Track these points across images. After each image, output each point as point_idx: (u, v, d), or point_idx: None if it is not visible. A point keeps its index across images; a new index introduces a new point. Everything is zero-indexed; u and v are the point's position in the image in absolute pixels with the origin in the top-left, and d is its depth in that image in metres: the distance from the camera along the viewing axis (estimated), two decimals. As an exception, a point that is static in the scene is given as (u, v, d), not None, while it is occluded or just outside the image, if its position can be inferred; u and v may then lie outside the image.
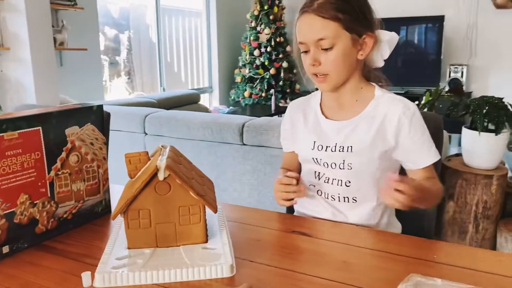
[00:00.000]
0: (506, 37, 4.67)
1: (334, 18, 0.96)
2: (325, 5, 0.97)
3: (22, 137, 0.82)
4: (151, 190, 0.80)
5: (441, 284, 0.68)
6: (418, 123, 1.01)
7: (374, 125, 1.02)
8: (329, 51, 0.98)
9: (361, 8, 1.00)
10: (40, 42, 3.04)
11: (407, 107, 1.01)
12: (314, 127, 1.09)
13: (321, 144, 1.06)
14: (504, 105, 2.03)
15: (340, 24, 0.97)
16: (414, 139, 1.01)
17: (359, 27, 0.99)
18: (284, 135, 1.21)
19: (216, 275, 0.74)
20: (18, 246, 0.84)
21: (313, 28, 0.98)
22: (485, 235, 2.12)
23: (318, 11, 0.97)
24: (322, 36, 0.97)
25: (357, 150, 1.02)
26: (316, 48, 0.99)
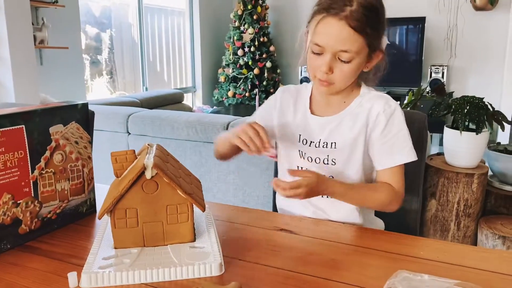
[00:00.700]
0: (485, 39, 4.77)
1: (363, 32, 0.92)
2: (359, 15, 0.90)
3: (5, 136, 0.80)
4: (138, 189, 0.79)
5: (428, 279, 0.69)
6: (396, 121, 1.00)
7: (358, 121, 1.02)
8: (345, 64, 0.95)
9: (384, 23, 0.97)
10: (20, 40, 2.98)
11: (388, 105, 1.01)
12: (301, 121, 1.08)
13: (306, 139, 1.06)
14: (484, 105, 2.07)
15: (365, 39, 0.93)
16: (388, 136, 1.00)
17: (378, 43, 0.97)
18: (264, 114, 1.14)
19: (204, 273, 0.73)
20: (1, 247, 0.82)
21: (339, 38, 0.92)
22: (467, 233, 2.15)
23: (350, 20, 0.90)
24: (347, 49, 0.93)
25: (340, 146, 1.02)
26: (333, 56, 0.94)
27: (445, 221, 2.16)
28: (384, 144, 1.00)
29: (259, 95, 4.98)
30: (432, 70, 4.85)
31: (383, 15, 0.96)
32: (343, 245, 0.86)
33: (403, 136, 1.00)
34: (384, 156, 1.01)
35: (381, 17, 0.95)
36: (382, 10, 0.96)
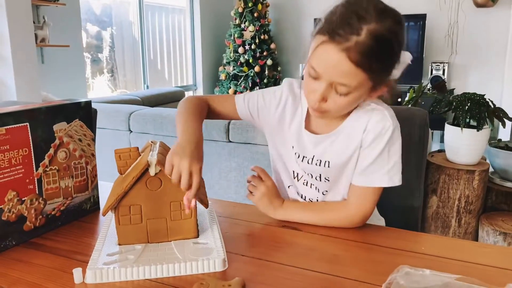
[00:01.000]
0: (486, 36, 4.77)
1: (367, 68, 0.79)
2: (365, 47, 0.77)
3: (10, 133, 0.81)
4: (142, 186, 0.80)
5: (429, 274, 0.69)
6: (384, 140, 0.89)
7: (353, 139, 0.92)
8: (341, 96, 0.84)
9: (397, 55, 0.84)
10: (21, 39, 2.98)
11: (382, 123, 0.89)
12: (295, 134, 0.98)
13: (299, 153, 0.98)
14: (485, 101, 2.07)
15: (368, 75, 0.81)
16: (370, 154, 0.91)
17: (385, 77, 0.85)
18: (261, 104, 1.02)
19: (208, 269, 0.74)
20: (6, 243, 0.83)
21: (337, 70, 0.80)
22: (468, 229, 2.16)
23: (353, 52, 0.77)
24: (345, 83, 0.81)
25: (334, 165, 0.94)
26: (329, 86, 0.83)
27: (446, 218, 2.17)
28: (364, 160, 0.92)
29: (260, 92, 4.98)
30: (433, 67, 4.84)
31: (398, 47, 0.82)
32: (346, 241, 0.87)
33: (387, 158, 0.90)
34: (359, 172, 0.93)
35: (394, 50, 0.82)
36: (397, 42, 0.81)
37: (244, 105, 1.03)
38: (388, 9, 0.82)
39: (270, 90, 1.03)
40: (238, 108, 1.04)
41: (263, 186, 0.97)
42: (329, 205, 0.97)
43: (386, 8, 0.81)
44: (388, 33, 0.79)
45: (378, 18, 0.78)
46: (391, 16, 0.81)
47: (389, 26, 0.79)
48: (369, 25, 0.78)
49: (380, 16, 0.79)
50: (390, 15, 0.80)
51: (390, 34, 0.80)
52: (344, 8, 0.80)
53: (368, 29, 0.77)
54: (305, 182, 1.01)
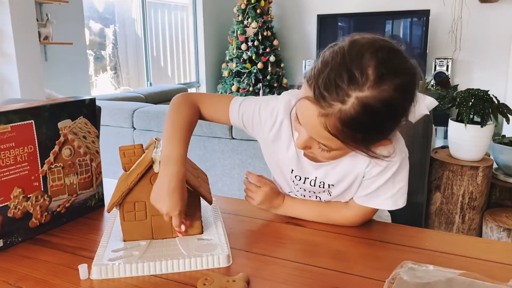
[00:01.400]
0: (490, 31, 4.75)
1: (347, 139, 0.71)
2: (346, 119, 0.68)
3: (15, 131, 0.81)
4: (146, 182, 0.80)
5: (432, 269, 0.69)
6: (389, 174, 0.85)
7: (356, 167, 0.87)
8: (324, 151, 0.78)
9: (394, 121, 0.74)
10: (25, 36, 2.99)
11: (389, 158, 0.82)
12: (294, 158, 0.92)
13: (299, 175, 0.93)
14: (489, 97, 2.07)
15: (349, 145, 0.73)
16: (374, 184, 0.87)
17: (379, 140, 0.76)
18: (256, 121, 0.94)
19: (213, 265, 0.74)
20: (12, 240, 0.84)
21: (315, 131, 0.74)
22: (471, 225, 2.16)
23: (332, 122, 0.69)
24: (324, 143, 0.75)
25: (338, 185, 0.91)
26: (312, 139, 0.77)
27: (450, 214, 2.17)
28: (367, 188, 0.88)
29: (263, 89, 4.98)
30: (436, 63, 4.83)
31: (393, 116, 0.72)
32: (349, 237, 0.87)
33: (392, 185, 0.87)
34: (362, 195, 0.90)
35: (386, 121, 0.71)
36: (393, 113, 0.71)
37: (238, 117, 0.95)
38: (393, 70, 0.68)
39: (268, 107, 0.92)
40: (231, 118, 0.96)
41: (261, 192, 0.94)
42: (330, 206, 0.95)
43: (391, 69, 0.68)
44: (382, 105, 0.67)
45: (375, 84, 0.67)
46: (393, 81, 0.68)
47: (387, 96, 0.67)
48: (359, 92, 0.67)
49: (378, 81, 0.67)
50: (392, 80, 0.67)
51: (385, 105, 0.67)
52: (339, 62, 0.69)
53: (357, 97, 0.67)
54: (306, 195, 0.97)
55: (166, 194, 0.78)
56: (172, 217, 0.80)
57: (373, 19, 5.17)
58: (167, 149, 0.83)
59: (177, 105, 0.93)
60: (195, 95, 0.98)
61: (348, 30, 5.41)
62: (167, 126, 0.88)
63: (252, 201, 0.96)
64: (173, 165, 0.80)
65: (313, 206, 0.96)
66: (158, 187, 0.79)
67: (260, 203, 0.95)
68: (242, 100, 0.96)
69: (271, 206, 0.96)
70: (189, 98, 0.96)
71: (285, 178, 0.97)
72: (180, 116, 0.90)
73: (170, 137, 0.85)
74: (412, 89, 0.72)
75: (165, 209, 0.78)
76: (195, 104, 0.95)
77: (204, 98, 0.98)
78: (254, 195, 0.95)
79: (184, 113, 0.91)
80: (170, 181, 0.78)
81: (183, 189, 0.80)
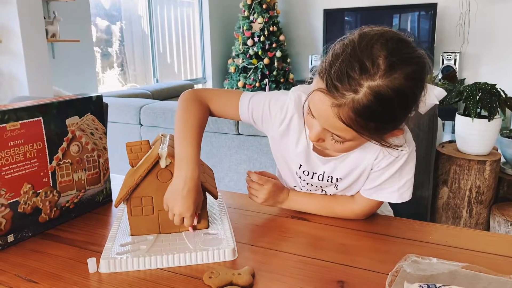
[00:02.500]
0: (498, 24, 4.70)
1: (360, 128, 0.72)
2: (360, 109, 0.69)
3: (24, 128, 0.83)
4: (153, 178, 0.82)
5: (436, 262, 0.70)
6: (397, 166, 0.86)
7: (364, 161, 0.88)
8: (338, 143, 0.79)
9: (405, 110, 0.74)
10: (32, 34, 3.02)
11: (397, 151, 0.84)
12: (303, 153, 0.92)
13: (308, 170, 0.94)
14: (496, 91, 2.05)
15: (363, 134, 0.74)
16: (381, 177, 0.88)
17: (390, 130, 0.76)
18: (266, 117, 0.94)
19: (218, 258, 0.76)
20: (23, 234, 0.86)
21: (328, 123, 0.75)
22: (479, 220, 2.15)
23: (345, 112, 0.70)
24: (337, 134, 0.76)
25: (346, 178, 0.92)
26: (325, 130, 0.77)
27: (457, 209, 2.17)
28: (374, 181, 0.90)
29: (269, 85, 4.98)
30: (444, 57, 4.80)
31: (405, 105, 0.73)
32: (353, 230, 0.88)
33: (399, 178, 0.88)
34: (368, 188, 0.91)
35: (398, 109, 0.72)
36: (405, 101, 0.72)
37: (248, 113, 0.95)
38: (403, 59, 0.69)
39: (278, 102, 0.93)
40: (241, 114, 0.97)
41: (264, 190, 0.95)
42: (335, 199, 0.96)
43: (401, 58, 0.69)
44: (393, 93, 0.68)
45: (386, 73, 0.68)
46: (404, 70, 0.69)
47: (398, 84, 0.68)
48: (371, 81, 0.68)
49: (389, 70, 0.68)
50: (402, 68, 0.69)
51: (397, 93, 0.68)
52: (350, 53, 0.70)
53: (369, 87, 0.68)
54: (311, 189, 0.98)
55: (180, 197, 0.80)
56: (184, 218, 0.82)
57: (380, 13, 5.14)
58: (181, 149, 0.84)
59: (186, 103, 0.93)
60: (204, 92, 0.98)
61: (354, 25, 5.38)
62: (179, 125, 0.88)
63: (256, 199, 0.97)
64: (188, 166, 0.82)
65: (319, 199, 0.96)
66: (173, 189, 0.81)
67: (264, 200, 0.96)
68: (252, 96, 0.96)
69: (276, 202, 0.97)
70: (198, 95, 0.96)
71: (292, 173, 0.98)
72: (190, 115, 0.90)
73: (183, 137, 0.86)
74: (422, 78, 0.73)
75: (178, 210, 0.81)
76: (204, 101, 0.96)
77: (212, 94, 0.98)
78: (257, 193, 0.96)
79: (194, 111, 0.92)
80: (185, 184, 0.80)
81: (197, 191, 0.82)
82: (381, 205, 0.94)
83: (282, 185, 0.99)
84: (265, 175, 0.98)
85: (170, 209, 0.82)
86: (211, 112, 0.97)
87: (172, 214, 0.82)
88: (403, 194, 0.89)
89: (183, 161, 0.82)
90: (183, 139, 0.85)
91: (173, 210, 0.81)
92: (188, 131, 0.87)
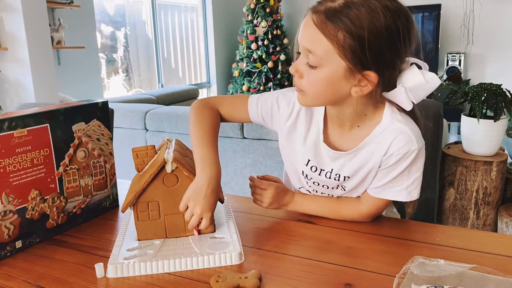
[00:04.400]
0: (503, 24, 4.68)
1: (331, 37, 0.75)
2: (331, 15, 0.74)
3: (31, 134, 0.84)
4: (159, 183, 0.82)
5: (443, 264, 0.70)
6: (408, 161, 0.85)
7: (373, 158, 0.87)
8: (312, 70, 0.80)
9: (376, 36, 0.74)
10: (38, 42, 3.05)
11: (408, 147, 0.84)
12: (312, 147, 0.93)
13: (316, 166, 0.93)
14: (502, 91, 2.04)
15: (336, 47, 0.75)
16: (392, 172, 0.87)
17: (363, 61, 0.76)
18: (275, 110, 0.96)
19: (225, 262, 0.76)
20: (31, 240, 0.86)
21: (305, 34, 0.80)
22: (486, 221, 2.14)
23: (318, 19, 0.76)
24: (310, 48, 0.78)
25: (353, 177, 0.91)
26: (304, 57, 0.81)
27: (464, 210, 2.15)
28: (382, 179, 0.89)
29: (274, 88, 4.98)
30: (449, 58, 4.78)
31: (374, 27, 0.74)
32: (360, 233, 0.88)
33: (407, 176, 0.87)
34: (376, 186, 0.90)
35: (367, 27, 0.74)
36: (374, 20, 0.74)
37: (257, 111, 0.98)
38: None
39: (285, 97, 0.96)
40: (250, 114, 0.99)
41: (267, 194, 0.95)
42: (341, 201, 0.96)
43: None
44: (366, 10, 0.73)
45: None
46: (384, 1, 0.75)
47: (373, 6, 0.74)
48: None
49: None
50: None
51: (370, 11, 0.73)
52: None
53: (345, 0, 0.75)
54: (318, 189, 0.98)
55: (203, 196, 0.81)
56: (203, 218, 0.82)
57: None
58: (200, 151, 0.86)
59: (198, 111, 0.97)
60: (213, 99, 1.02)
61: (358, 27, 5.37)
62: (195, 130, 0.92)
63: (261, 203, 0.96)
64: (211, 166, 0.84)
65: (324, 201, 0.96)
66: (196, 188, 0.82)
67: (269, 204, 0.95)
68: (260, 95, 0.99)
69: (281, 205, 0.97)
70: (207, 102, 1.00)
71: (297, 173, 0.98)
72: (205, 120, 0.94)
73: (200, 140, 0.89)
74: (400, 18, 0.76)
75: (199, 209, 0.81)
76: (214, 106, 0.99)
77: (221, 100, 1.02)
78: (261, 198, 0.96)
79: (206, 116, 0.95)
80: (209, 183, 0.82)
81: (218, 193, 0.84)
82: (387, 205, 0.93)
83: (286, 187, 0.99)
84: (268, 179, 0.98)
85: (190, 209, 0.82)
86: (221, 116, 1.00)
87: (190, 214, 0.82)
88: (411, 193, 0.89)
89: (206, 161, 0.85)
90: (202, 142, 0.89)
91: (194, 209, 0.82)
92: (205, 135, 0.91)
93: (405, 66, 0.81)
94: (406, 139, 0.84)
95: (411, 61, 0.82)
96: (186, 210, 0.83)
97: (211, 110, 0.98)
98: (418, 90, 0.80)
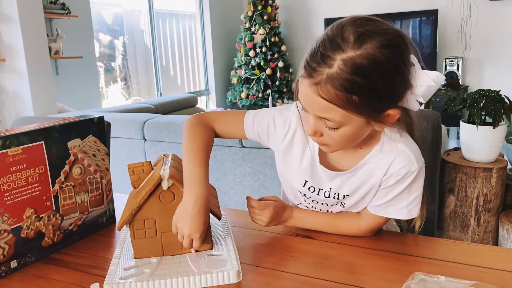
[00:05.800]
0: (500, 29, 4.70)
1: (344, 103, 0.71)
2: (336, 82, 0.69)
3: (26, 152, 0.83)
4: (155, 200, 0.81)
5: (444, 281, 0.69)
6: (406, 184, 0.84)
7: (372, 178, 0.86)
8: (333, 130, 0.77)
9: (387, 81, 0.72)
10: (35, 52, 3.05)
11: (408, 168, 0.83)
12: (308, 168, 0.90)
13: (313, 186, 0.91)
14: (500, 98, 2.04)
15: (350, 110, 0.72)
16: (392, 191, 0.86)
17: (380, 106, 0.75)
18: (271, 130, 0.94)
19: (223, 281, 0.75)
20: (26, 260, 0.85)
21: (314, 106, 0.75)
22: (487, 228, 2.13)
23: (323, 88, 0.71)
24: (326, 117, 0.75)
25: (353, 195, 0.90)
26: (318, 119, 0.77)
27: (464, 217, 2.14)
28: (382, 198, 0.88)
29: (272, 95, 4.98)
30: (446, 63, 4.79)
31: (387, 73, 0.71)
32: (360, 248, 0.87)
33: (407, 195, 0.86)
34: (376, 205, 0.89)
35: (377, 79, 0.70)
36: (385, 69, 0.70)
37: (253, 129, 0.96)
38: (373, 30, 0.70)
39: (282, 116, 0.93)
40: (246, 131, 0.97)
41: (266, 214, 0.92)
42: (340, 216, 0.94)
43: (371, 30, 0.70)
44: (367, 62, 0.69)
45: (356, 44, 0.69)
46: (376, 39, 0.70)
47: (371, 52, 0.69)
48: (343, 54, 0.69)
49: (359, 41, 0.69)
50: (374, 38, 0.69)
51: (371, 61, 0.69)
52: (323, 37, 0.73)
53: (342, 59, 0.69)
54: (317, 207, 0.96)
55: (190, 217, 0.80)
56: (193, 240, 0.81)
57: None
58: (189, 169, 0.85)
59: (191, 127, 0.94)
60: (208, 115, 0.99)
61: (356, 33, 5.38)
62: (186, 147, 0.90)
63: (260, 222, 0.94)
64: (197, 185, 0.82)
65: (323, 216, 0.95)
66: (183, 208, 0.81)
67: (268, 223, 0.94)
68: (256, 113, 0.97)
69: (280, 222, 0.96)
70: (202, 118, 0.97)
71: (294, 192, 0.97)
72: (196, 137, 0.92)
73: (191, 158, 0.87)
74: (398, 45, 0.73)
75: (187, 231, 0.80)
76: (208, 123, 0.97)
77: (217, 116, 1.00)
78: (260, 217, 0.94)
79: (200, 133, 0.93)
80: (195, 203, 0.81)
81: (206, 212, 0.82)
82: (387, 221, 0.93)
83: (284, 203, 0.98)
84: (264, 199, 0.96)
85: (180, 230, 0.81)
86: (216, 133, 0.98)
87: (181, 235, 0.81)
88: (412, 211, 0.88)
89: (193, 180, 0.83)
90: (191, 160, 0.87)
91: (182, 231, 0.81)
92: (196, 152, 0.88)
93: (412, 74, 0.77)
94: (406, 160, 0.83)
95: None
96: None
97: (205, 127, 0.96)
98: (428, 93, 0.78)
